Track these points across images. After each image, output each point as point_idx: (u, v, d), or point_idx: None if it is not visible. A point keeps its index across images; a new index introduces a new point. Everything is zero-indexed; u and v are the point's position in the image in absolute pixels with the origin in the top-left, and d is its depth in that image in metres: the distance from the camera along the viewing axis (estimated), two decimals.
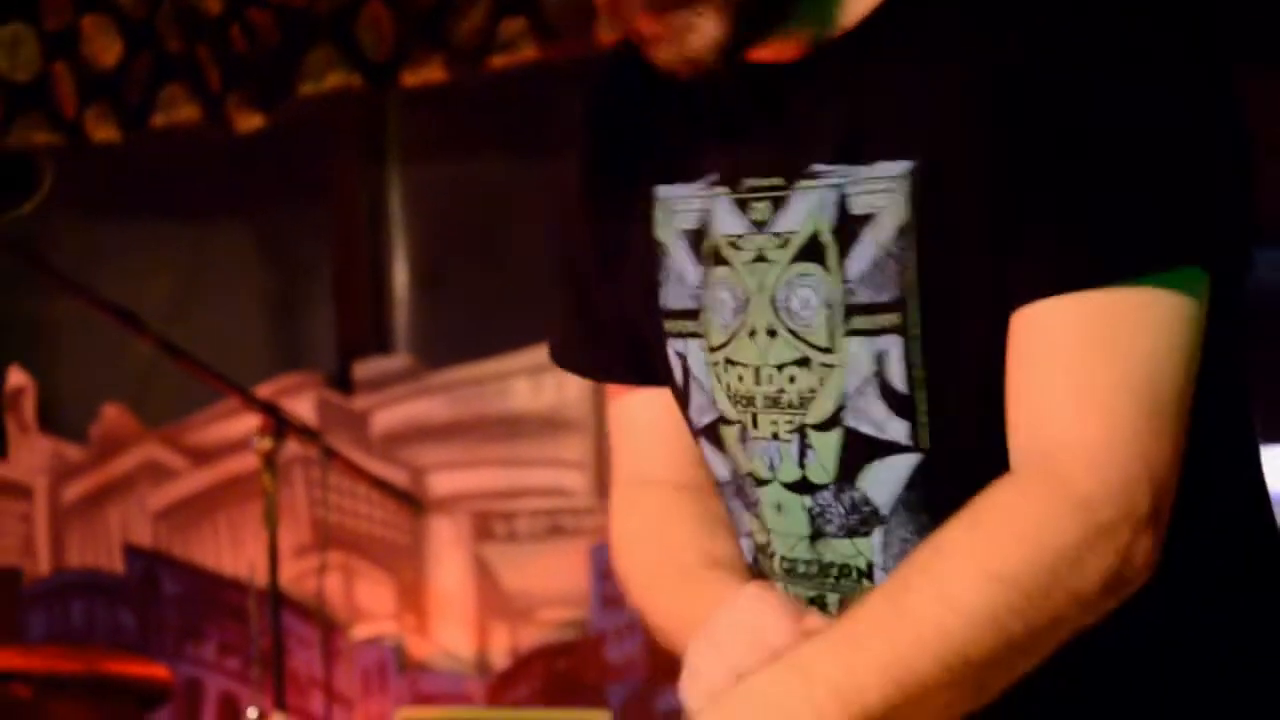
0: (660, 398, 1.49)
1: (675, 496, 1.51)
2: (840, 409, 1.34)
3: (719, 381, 1.41)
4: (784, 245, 1.35)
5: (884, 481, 1.34)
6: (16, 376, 4.62)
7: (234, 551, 4.31)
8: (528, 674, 3.96)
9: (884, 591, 1.26)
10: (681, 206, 1.42)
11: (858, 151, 1.32)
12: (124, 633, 4.45)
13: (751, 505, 1.44)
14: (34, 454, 4.61)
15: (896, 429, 1.33)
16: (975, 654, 1.19)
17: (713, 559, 1.45)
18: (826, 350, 1.34)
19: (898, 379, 1.32)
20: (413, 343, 4.26)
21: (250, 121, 3.89)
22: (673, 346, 1.45)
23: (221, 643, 4.31)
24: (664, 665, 3.18)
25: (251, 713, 3.25)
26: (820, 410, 1.35)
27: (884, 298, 1.31)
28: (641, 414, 1.53)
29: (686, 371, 1.45)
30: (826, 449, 1.36)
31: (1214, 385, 1.29)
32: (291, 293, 4.49)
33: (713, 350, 1.41)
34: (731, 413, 1.41)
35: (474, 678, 4.02)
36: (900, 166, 1.29)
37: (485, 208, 4.21)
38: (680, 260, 1.42)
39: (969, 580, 1.20)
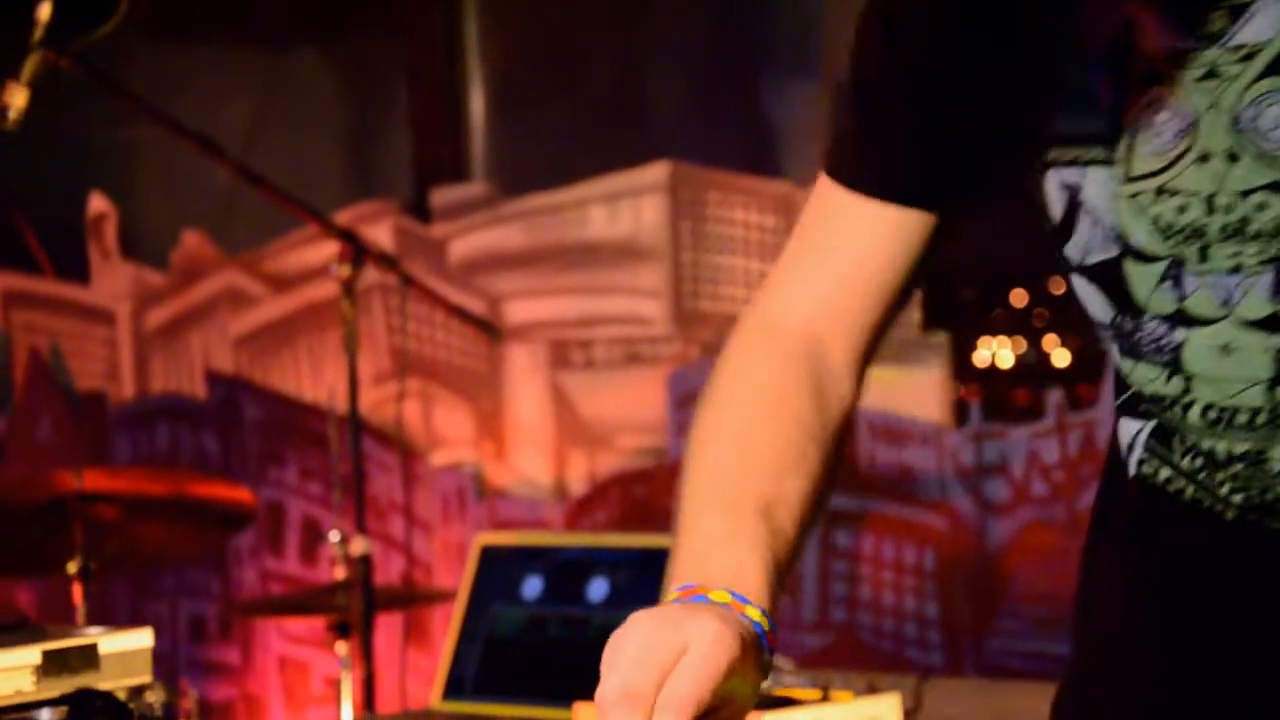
0: (904, 223, 1.40)
1: (795, 369, 1.42)
2: None
3: (1142, 213, 1.30)
4: (1248, 58, 1.24)
5: None
6: (98, 202, 4.65)
7: (314, 378, 4.35)
8: (605, 500, 3.99)
9: None
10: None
11: None
12: (207, 456, 4.51)
13: (1149, 350, 1.33)
14: (116, 279, 4.65)
15: None
16: None
17: (767, 502, 1.35)
18: None
19: None
20: (490, 170, 4.25)
21: None
22: (1059, 177, 1.34)
23: (303, 467, 4.36)
24: None
25: (333, 536, 3.29)
26: None
27: None
28: (861, 225, 1.41)
29: (1076, 204, 1.33)
30: None
31: None
32: (368, 120, 4.48)
33: (1134, 180, 1.30)
34: (1158, 248, 1.29)
35: (552, 504, 4.06)
36: None
37: (562, 33, 4.17)
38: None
39: None
